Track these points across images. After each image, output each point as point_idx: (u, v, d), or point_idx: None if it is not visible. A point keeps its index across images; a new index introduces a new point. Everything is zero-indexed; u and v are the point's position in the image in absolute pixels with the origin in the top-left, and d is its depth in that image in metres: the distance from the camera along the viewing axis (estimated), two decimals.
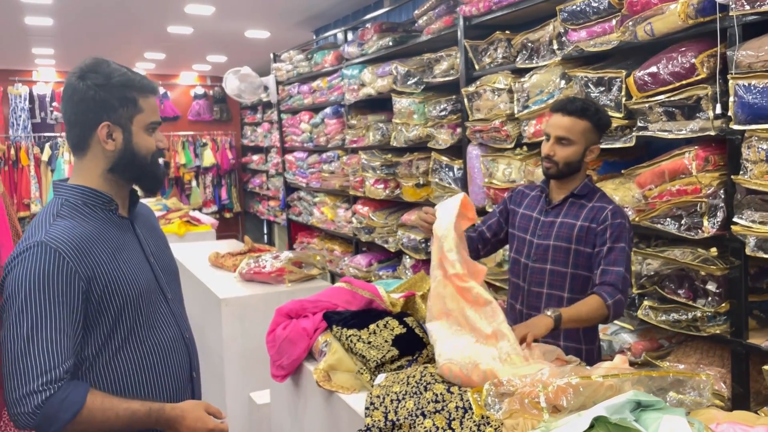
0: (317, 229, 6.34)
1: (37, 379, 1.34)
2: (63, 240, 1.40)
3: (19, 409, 1.34)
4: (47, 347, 1.35)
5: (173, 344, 1.59)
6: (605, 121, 2.22)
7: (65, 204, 1.48)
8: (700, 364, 2.50)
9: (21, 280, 1.36)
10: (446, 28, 3.90)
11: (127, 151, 1.50)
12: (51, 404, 1.34)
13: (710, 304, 2.39)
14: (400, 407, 1.71)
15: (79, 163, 1.53)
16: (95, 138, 1.48)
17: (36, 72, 9.65)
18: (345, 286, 2.53)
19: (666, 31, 2.42)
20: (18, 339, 1.35)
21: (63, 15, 6.10)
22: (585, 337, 2.25)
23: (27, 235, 1.44)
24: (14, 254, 1.40)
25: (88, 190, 1.50)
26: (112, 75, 1.48)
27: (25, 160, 9.20)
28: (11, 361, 1.35)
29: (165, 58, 8.83)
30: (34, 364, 1.34)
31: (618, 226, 2.12)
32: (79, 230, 1.44)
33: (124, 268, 1.48)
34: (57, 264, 1.37)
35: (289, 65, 6.56)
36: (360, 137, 5.10)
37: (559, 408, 1.44)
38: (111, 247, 1.48)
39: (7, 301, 1.38)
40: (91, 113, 1.46)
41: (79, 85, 1.46)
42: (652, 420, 1.30)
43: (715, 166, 2.37)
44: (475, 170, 3.67)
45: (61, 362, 1.36)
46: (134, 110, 1.50)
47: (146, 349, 1.52)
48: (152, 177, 1.57)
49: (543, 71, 3.10)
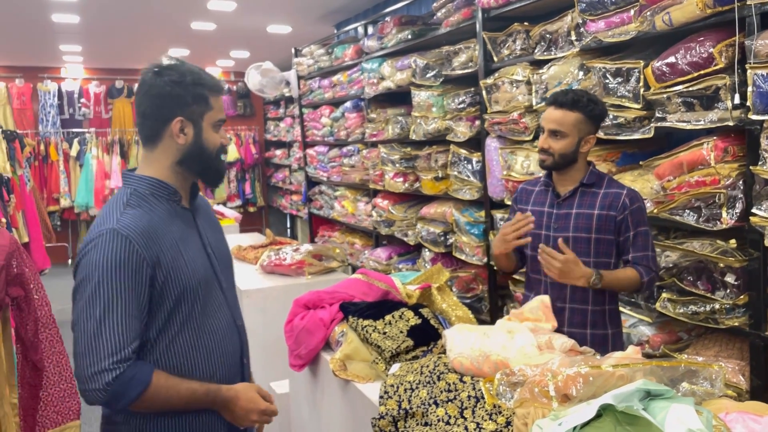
0: (338, 223, 6.38)
1: (108, 358, 1.41)
2: (132, 228, 1.47)
3: (90, 386, 1.42)
4: (118, 328, 1.43)
5: (226, 330, 1.66)
6: (599, 111, 2.24)
7: (134, 193, 1.54)
8: (718, 357, 2.48)
9: (94, 265, 1.43)
10: (465, 21, 3.89)
11: (196, 146, 1.57)
12: (120, 382, 1.42)
13: (729, 296, 2.37)
14: (413, 396, 1.74)
15: (150, 155, 1.59)
16: (168, 131, 1.55)
17: (64, 69, 9.85)
18: (361, 278, 2.56)
19: (684, 20, 2.39)
20: (91, 320, 1.42)
21: (89, 12, 6.22)
22: (611, 321, 2.30)
23: (98, 222, 1.51)
24: (87, 240, 1.48)
25: (156, 181, 1.56)
26: (186, 73, 1.55)
27: (54, 156, 9.41)
28: (85, 341, 1.42)
29: (189, 54, 8.94)
30: (106, 344, 1.42)
31: (637, 211, 2.22)
32: (147, 219, 1.50)
33: (186, 256, 1.55)
34: (128, 250, 1.44)
35: (310, 60, 6.60)
36: (379, 131, 5.12)
37: (569, 397, 1.45)
38: (174, 236, 1.55)
39: (81, 284, 1.46)
40: (167, 108, 1.53)
41: (157, 80, 1.54)
42: (661, 409, 1.30)
43: (734, 156, 2.35)
44: (494, 163, 3.66)
45: (129, 343, 1.44)
46: (205, 107, 1.57)
47: (202, 335, 1.59)
48: (216, 171, 1.64)
49: (561, 62, 3.09)
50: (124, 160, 9.79)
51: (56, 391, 1.73)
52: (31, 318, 1.61)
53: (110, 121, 10.04)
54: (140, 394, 1.45)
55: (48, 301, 1.74)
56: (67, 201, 9.43)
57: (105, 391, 1.41)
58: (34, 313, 1.62)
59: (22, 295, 1.61)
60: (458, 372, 1.77)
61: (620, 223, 2.20)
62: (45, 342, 1.68)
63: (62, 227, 9.67)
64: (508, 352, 1.72)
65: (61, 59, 9.22)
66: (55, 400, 1.73)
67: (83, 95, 9.87)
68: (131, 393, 1.44)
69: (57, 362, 1.72)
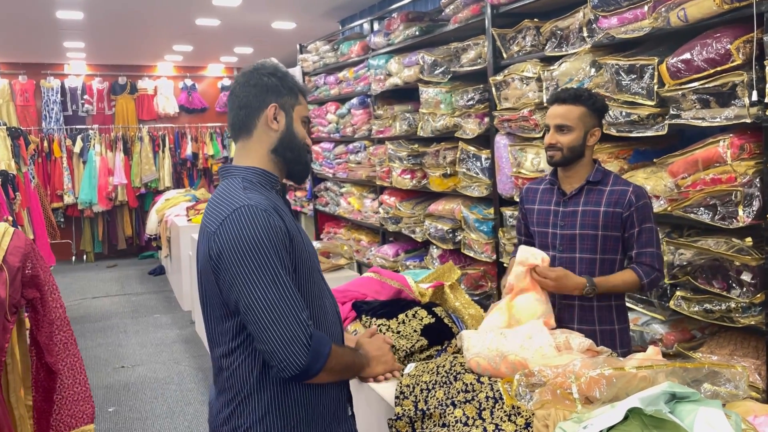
0: (344, 220, 6.37)
1: (302, 314, 1.44)
2: (264, 204, 1.48)
3: (292, 349, 1.41)
4: (293, 294, 1.45)
5: (333, 316, 1.68)
6: (600, 104, 2.27)
7: (245, 180, 1.57)
8: (733, 356, 2.46)
9: (243, 237, 1.43)
10: (473, 17, 3.87)
11: (288, 133, 1.62)
12: (315, 340, 1.44)
13: (745, 294, 2.35)
14: (429, 396, 1.72)
15: (246, 145, 1.62)
16: (262, 119, 1.60)
17: (67, 65, 9.83)
18: (374, 276, 2.54)
19: (700, 16, 2.37)
20: (268, 290, 1.42)
21: (93, 9, 6.20)
22: (618, 317, 2.29)
23: (219, 206, 1.50)
24: (220, 218, 1.47)
25: (260, 170, 1.60)
26: (280, 69, 1.65)
27: (58, 152, 9.39)
28: (273, 306, 1.41)
29: (193, 50, 8.92)
30: (293, 303, 1.43)
31: (643, 207, 2.20)
32: (268, 199, 1.53)
33: (303, 238, 1.59)
34: (269, 221, 1.46)
35: (315, 56, 6.58)
36: (386, 127, 5.09)
37: (592, 399, 1.43)
38: (290, 216, 1.58)
39: (235, 258, 1.43)
40: (262, 95, 1.60)
41: (254, 73, 1.62)
42: (688, 412, 1.28)
43: (751, 154, 2.33)
44: (503, 160, 3.64)
45: (304, 305, 1.47)
46: (295, 100, 1.64)
47: (315, 316, 1.58)
48: (305, 164, 1.68)
49: (573, 59, 3.06)
50: (127, 157, 9.78)
51: (70, 394, 1.71)
52: (45, 320, 1.60)
53: (113, 117, 10.03)
54: (330, 350, 1.47)
55: (62, 303, 1.73)
56: (70, 198, 9.42)
57: (307, 351, 1.42)
58: (49, 315, 1.60)
59: (37, 297, 1.59)
60: (475, 373, 1.76)
61: (626, 220, 2.20)
62: (59, 344, 1.66)
63: (66, 224, 9.67)
64: (526, 353, 1.71)
65: (65, 56, 9.19)
66: (69, 404, 1.71)
67: (86, 92, 9.85)
68: (324, 350, 1.45)
69: (71, 365, 1.70)
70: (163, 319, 6.40)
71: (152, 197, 9.62)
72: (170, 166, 10.08)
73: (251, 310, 1.42)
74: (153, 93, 10.27)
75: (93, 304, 7.15)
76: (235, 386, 1.53)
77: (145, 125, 10.11)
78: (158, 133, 10.11)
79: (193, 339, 5.68)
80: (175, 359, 5.16)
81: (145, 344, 5.61)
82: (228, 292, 1.46)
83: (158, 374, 4.82)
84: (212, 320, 1.55)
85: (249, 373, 1.51)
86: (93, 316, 6.58)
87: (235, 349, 1.51)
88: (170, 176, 10.05)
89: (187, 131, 10.37)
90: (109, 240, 9.99)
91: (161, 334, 5.88)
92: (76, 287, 7.96)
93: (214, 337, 1.56)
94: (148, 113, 10.22)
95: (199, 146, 10.38)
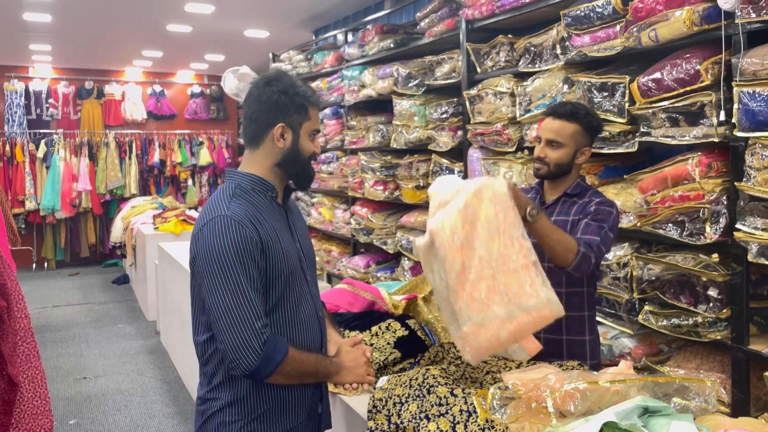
0: (315, 230, 6.33)
1: (257, 322, 1.55)
2: (241, 214, 1.62)
3: (243, 352, 1.54)
4: (253, 300, 1.57)
5: (310, 320, 1.78)
6: (596, 124, 2.25)
7: (238, 187, 1.70)
8: (699, 369, 2.51)
9: (213, 247, 1.57)
10: (448, 31, 3.90)
11: (293, 151, 1.73)
12: (269, 345, 1.56)
13: (711, 309, 2.40)
14: (403, 410, 1.71)
15: (252, 155, 1.75)
16: (270, 135, 1.71)
17: (32, 68, 9.61)
18: (347, 288, 2.53)
19: (671, 37, 2.43)
20: (228, 295, 1.55)
21: (62, 12, 6.08)
22: (590, 328, 2.27)
23: (207, 210, 1.66)
24: (200, 224, 1.63)
25: (257, 177, 1.72)
26: (292, 85, 1.71)
27: (20, 157, 9.15)
28: (229, 314, 1.55)
29: (163, 56, 8.80)
30: (249, 314, 1.55)
31: (603, 209, 2.12)
32: (251, 209, 1.66)
33: (282, 246, 1.68)
34: (240, 232, 1.58)
35: (288, 65, 6.55)
36: (359, 138, 5.09)
37: (565, 413, 1.44)
38: (273, 225, 1.69)
39: (204, 266, 1.58)
40: (271, 114, 1.69)
41: (266, 89, 1.70)
42: (660, 426, 1.30)
43: (718, 172, 2.38)
44: (476, 173, 3.67)
45: (263, 313, 1.59)
46: (304, 117, 1.73)
47: (289, 320, 1.71)
48: (307, 176, 1.79)
49: (546, 75, 3.11)
50: (92, 163, 9.58)
51: (29, 408, 1.66)
52: (11, 330, 1.54)
53: (79, 122, 9.82)
54: (284, 357, 1.58)
55: (27, 313, 1.67)
56: (32, 203, 9.17)
57: (258, 356, 1.54)
58: (14, 325, 1.55)
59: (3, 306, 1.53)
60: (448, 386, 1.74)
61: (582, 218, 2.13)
62: (22, 356, 1.60)
63: (27, 230, 9.41)
64: None
65: (30, 58, 8.99)
66: (27, 417, 1.65)
67: (51, 95, 9.63)
68: (278, 356, 1.57)
69: (32, 377, 1.64)
70: (126, 329, 6.25)
71: (117, 204, 9.43)
72: (137, 172, 9.90)
73: (212, 312, 1.58)
74: (120, 98, 10.08)
75: (54, 313, 6.95)
76: (208, 373, 1.70)
77: (111, 131, 9.92)
78: (125, 139, 9.93)
79: (157, 350, 5.56)
80: (138, 370, 5.04)
81: (107, 355, 5.47)
82: (199, 292, 1.64)
83: (121, 386, 4.70)
84: (195, 309, 1.71)
85: (219, 362, 1.66)
86: (54, 326, 6.40)
87: (209, 339, 1.67)
88: (137, 183, 9.87)
89: (155, 138, 10.21)
90: (71, 247, 9.75)
91: (125, 345, 5.74)
92: (37, 295, 7.74)
93: (195, 325, 1.72)
94: (115, 119, 10.03)
95: (167, 153, 10.22)
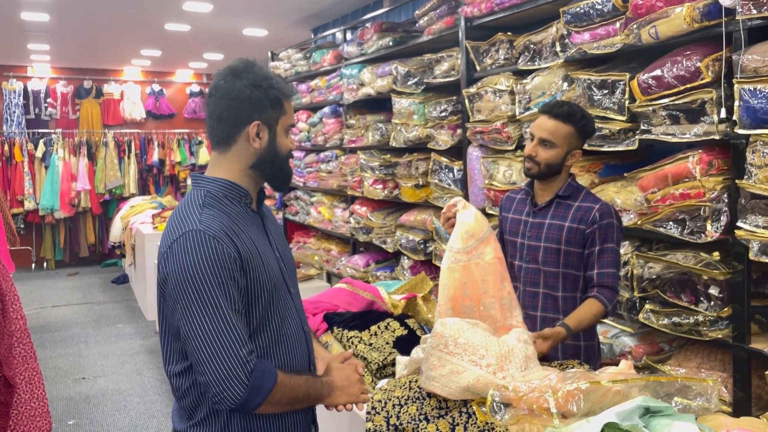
0: (314, 229, 6.32)
1: (241, 349, 1.36)
2: (215, 228, 1.42)
3: (229, 384, 1.35)
4: (235, 325, 1.37)
5: (296, 337, 1.60)
6: (590, 128, 2.25)
7: (208, 195, 1.50)
8: (701, 368, 2.50)
9: (187, 267, 1.37)
10: (447, 29, 3.88)
11: (270, 150, 1.54)
12: (256, 374, 1.37)
13: (712, 308, 2.38)
14: (402, 412, 1.70)
15: (221, 158, 1.54)
16: (243, 135, 1.51)
17: (31, 68, 9.58)
18: (346, 287, 2.52)
19: (671, 34, 2.41)
20: (208, 321, 1.35)
21: (60, 11, 6.06)
22: (584, 335, 2.26)
23: (175, 224, 1.45)
24: (168, 242, 1.42)
25: (229, 183, 1.52)
26: (264, 77, 1.52)
27: (19, 157, 9.13)
28: (208, 339, 1.35)
29: (161, 55, 8.78)
30: (232, 337, 1.36)
31: (606, 227, 2.17)
32: (226, 220, 1.46)
33: (262, 259, 1.49)
34: (216, 249, 1.38)
35: (287, 64, 6.54)
36: (359, 137, 5.07)
37: (567, 414, 1.43)
38: (251, 237, 1.50)
39: (177, 288, 1.38)
40: (244, 111, 1.49)
41: (236, 83, 1.49)
42: (662, 426, 1.29)
43: (719, 170, 2.37)
44: (475, 171, 3.65)
45: (247, 338, 1.39)
46: (280, 112, 1.54)
47: (274, 340, 1.53)
48: (285, 175, 1.61)
49: (545, 73, 3.09)
50: (91, 162, 9.56)
51: (27, 409, 1.64)
52: (6, 332, 1.52)
53: (78, 121, 9.80)
54: (274, 385, 1.40)
55: (23, 314, 1.65)
56: (31, 203, 9.15)
57: (245, 387, 1.35)
58: (10, 327, 1.53)
59: None
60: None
61: (588, 237, 2.17)
62: (19, 357, 1.59)
63: (26, 230, 9.39)
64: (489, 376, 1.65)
65: (28, 58, 8.96)
66: (25, 419, 1.63)
67: (50, 95, 9.61)
68: (267, 385, 1.39)
69: (29, 379, 1.63)
70: (126, 329, 6.24)
71: (116, 204, 9.41)
72: (136, 172, 9.88)
73: (190, 340, 1.37)
74: (119, 98, 10.06)
75: (53, 313, 6.94)
76: (187, 407, 1.50)
77: (110, 130, 9.90)
78: (124, 139, 9.91)
79: (157, 350, 5.55)
80: (138, 370, 5.03)
81: (107, 355, 5.46)
82: (171, 317, 1.43)
83: (120, 386, 4.69)
84: (167, 336, 1.50)
85: (201, 395, 1.47)
86: (53, 326, 6.38)
87: (187, 370, 1.47)
88: (136, 183, 9.85)
89: (153, 137, 10.19)
90: (70, 247, 9.73)
91: (124, 345, 5.73)
92: (36, 295, 7.73)
93: (168, 354, 1.51)
94: (114, 118, 10.01)
95: (166, 153, 10.20)
